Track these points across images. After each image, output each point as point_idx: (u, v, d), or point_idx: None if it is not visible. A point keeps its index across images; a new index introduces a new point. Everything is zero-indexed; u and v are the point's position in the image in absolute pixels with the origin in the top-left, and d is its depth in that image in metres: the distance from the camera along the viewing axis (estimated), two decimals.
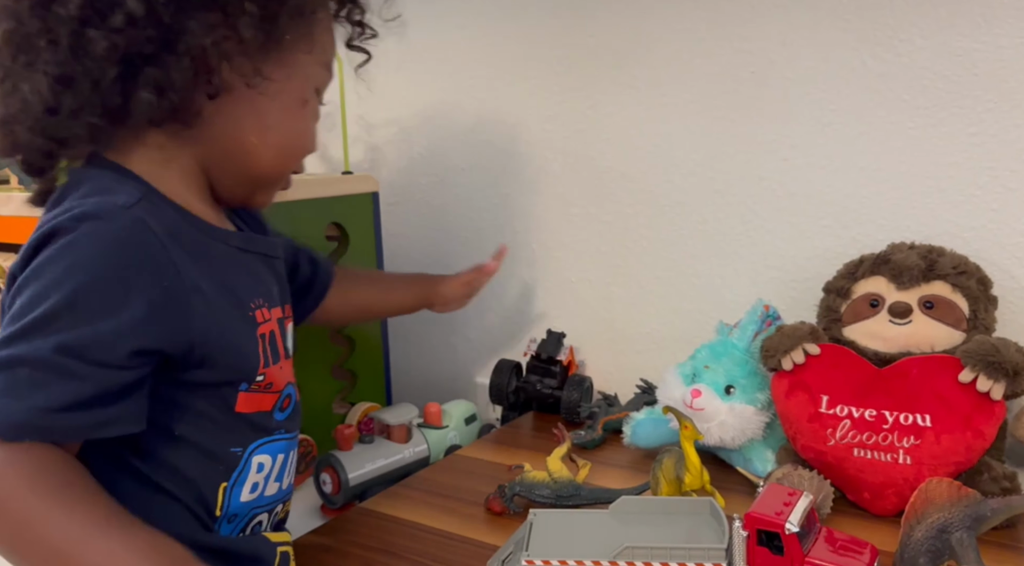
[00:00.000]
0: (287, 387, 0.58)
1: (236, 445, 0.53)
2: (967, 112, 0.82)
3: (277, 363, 0.56)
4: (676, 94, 0.98)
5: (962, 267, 0.78)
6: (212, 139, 0.52)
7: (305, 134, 0.56)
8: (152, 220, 0.47)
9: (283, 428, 0.57)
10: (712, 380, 0.82)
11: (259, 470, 0.55)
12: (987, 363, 0.69)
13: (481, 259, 0.94)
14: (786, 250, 0.94)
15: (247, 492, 0.54)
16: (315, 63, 0.55)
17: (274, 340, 0.56)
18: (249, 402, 0.53)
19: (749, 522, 0.55)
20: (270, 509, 0.58)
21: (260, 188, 0.57)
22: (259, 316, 0.55)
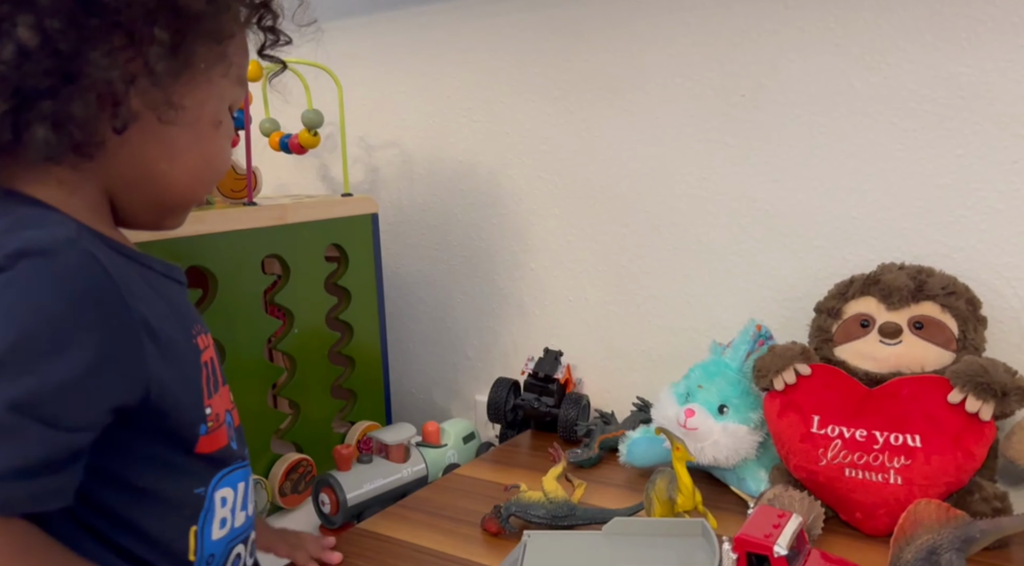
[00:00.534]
0: (227, 415, 0.54)
1: (199, 486, 0.50)
2: (954, 134, 0.83)
3: (218, 392, 0.53)
4: (669, 117, 0.99)
5: (951, 287, 0.79)
6: (118, 169, 0.48)
7: (219, 156, 0.53)
8: (99, 253, 0.44)
9: (238, 457, 0.55)
10: (705, 400, 0.83)
11: (223, 504, 0.52)
12: (976, 384, 0.70)
13: (478, 279, 0.95)
14: (778, 270, 0.95)
15: (217, 530, 0.52)
16: (230, 83, 0.52)
17: (214, 367, 0.53)
18: (208, 442, 0.50)
19: (738, 545, 0.56)
20: (244, 538, 0.56)
21: (171, 213, 0.54)
22: (200, 342, 0.52)
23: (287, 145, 1.07)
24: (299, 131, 1.05)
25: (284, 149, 1.08)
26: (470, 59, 1.13)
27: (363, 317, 1.05)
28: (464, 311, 1.22)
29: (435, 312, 1.24)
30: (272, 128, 1.09)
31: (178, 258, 0.81)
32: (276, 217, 0.91)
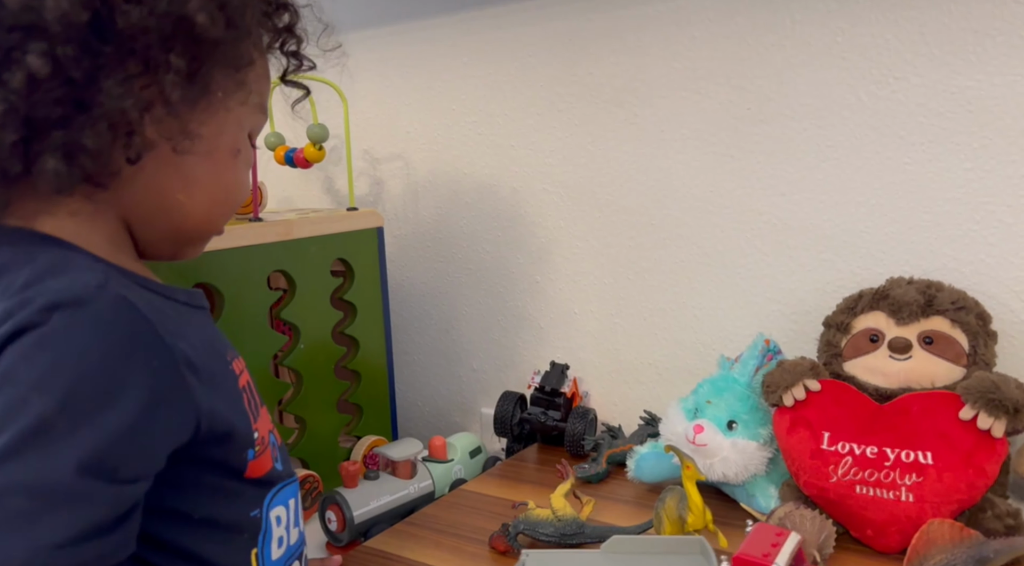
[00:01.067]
0: (270, 436, 0.53)
1: (254, 509, 0.50)
2: (963, 148, 0.83)
3: (259, 414, 0.52)
4: (675, 130, 0.99)
5: (961, 302, 0.78)
6: (133, 199, 0.47)
7: (237, 185, 0.51)
8: (130, 294, 0.42)
9: (285, 475, 0.55)
10: (714, 415, 0.83)
11: (279, 523, 0.52)
12: (987, 400, 0.70)
13: (483, 291, 0.94)
14: (786, 283, 0.95)
15: (276, 549, 0.52)
16: (249, 110, 0.50)
17: (252, 390, 0.52)
18: (257, 466, 0.50)
19: (737, 563, 0.56)
20: (299, 555, 0.56)
21: (190, 243, 0.53)
22: (236, 367, 0.51)
23: (292, 159, 1.07)
24: (304, 145, 1.05)
25: (289, 163, 1.08)
26: (474, 72, 1.13)
27: (369, 331, 1.05)
28: (470, 324, 1.21)
29: (441, 325, 1.24)
30: (277, 142, 1.09)
31: (184, 276, 0.81)
32: (282, 233, 0.91)
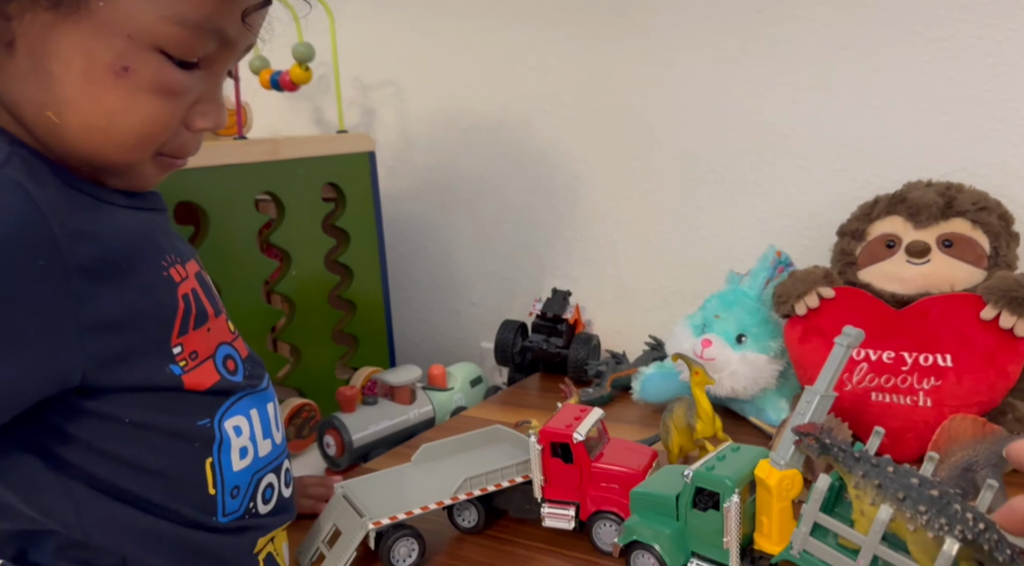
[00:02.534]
0: (219, 350, 0.49)
1: (202, 418, 0.47)
2: (985, 42, 0.78)
3: (203, 325, 0.48)
4: (680, 39, 0.94)
5: (982, 203, 0.74)
6: (14, 107, 0.42)
7: (126, 112, 0.42)
8: (34, 183, 0.39)
9: (245, 386, 0.51)
10: (723, 329, 0.80)
11: (239, 434, 0.50)
12: (1010, 298, 0.67)
13: (481, 221, 0.90)
14: (798, 196, 0.91)
15: (238, 460, 0.49)
16: (148, 14, 0.40)
17: (199, 299, 0.48)
18: (192, 380, 0.46)
19: (543, 436, 0.60)
20: (275, 467, 0.53)
21: (98, 170, 0.45)
22: (175, 274, 0.47)
23: (278, 82, 1.02)
24: (290, 67, 1.00)
25: (275, 86, 1.03)
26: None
27: (363, 260, 1.01)
28: (468, 256, 1.18)
29: (438, 258, 1.21)
30: (262, 66, 1.04)
31: (165, 192, 0.77)
32: (268, 152, 0.87)
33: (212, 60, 0.44)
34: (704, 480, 0.50)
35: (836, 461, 0.46)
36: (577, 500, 0.60)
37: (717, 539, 0.50)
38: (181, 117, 0.44)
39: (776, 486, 0.49)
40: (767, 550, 0.50)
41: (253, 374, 0.52)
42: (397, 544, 0.57)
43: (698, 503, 0.51)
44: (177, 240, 0.50)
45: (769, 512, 0.49)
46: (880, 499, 0.42)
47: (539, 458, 0.60)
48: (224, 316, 0.51)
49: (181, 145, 0.46)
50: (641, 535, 0.53)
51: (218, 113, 0.46)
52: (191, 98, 0.44)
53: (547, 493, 0.60)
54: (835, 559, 0.45)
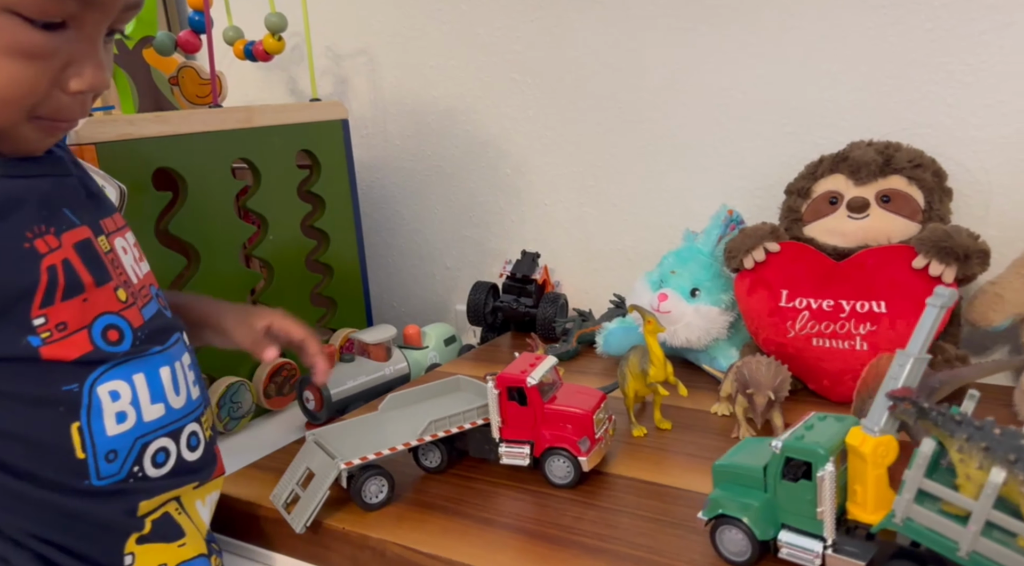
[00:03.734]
0: (97, 321, 0.48)
1: (68, 383, 0.46)
2: (923, 7, 0.82)
3: (76, 296, 0.47)
4: (640, 7, 0.97)
5: (918, 160, 0.79)
6: None
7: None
8: None
9: (132, 354, 0.49)
10: (678, 284, 0.84)
11: (115, 399, 0.48)
12: (939, 248, 0.72)
13: (453, 187, 0.92)
14: (751, 159, 0.95)
15: (114, 425, 0.48)
16: None
17: (72, 270, 0.47)
18: (55, 351, 0.45)
19: (499, 381, 0.64)
20: (171, 431, 0.51)
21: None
22: (40, 246, 0.45)
23: (251, 52, 1.05)
24: (263, 37, 1.03)
25: (249, 57, 1.05)
26: None
27: (339, 225, 1.05)
28: (442, 222, 1.22)
29: (413, 224, 1.24)
30: (236, 36, 1.07)
31: (143, 159, 0.81)
32: (243, 120, 0.90)
33: (81, 20, 0.43)
34: (795, 450, 0.48)
35: (935, 425, 0.43)
36: (532, 439, 0.65)
37: (809, 510, 0.48)
38: (50, 80, 0.43)
39: (871, 453, 0.46)
40: (862, 519, 0.48)
41: (149, 340, 0.51)
42: (368, 483, 0.62)
43: (787, 473, 0.49)
44: (73, 207, 0.49)
45: (863, 480, 0.47)
46: (989, 462, 0.40)
47: (496, 402, 0.64)
48: (112, 285, 0.49)
49: (58, 108, 0.45)
50: (727, 508, 0.51)
51: (95, 75, 0.45)
52: (60, 60, 0.43)
53: (504, 434, 0.65)
54: (942, 526, 0.43)
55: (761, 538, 0.50)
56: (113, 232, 0.52)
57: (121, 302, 0.50)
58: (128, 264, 0.52)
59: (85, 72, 0.44)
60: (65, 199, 0.49)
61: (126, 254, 0.52)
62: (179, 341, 0.54)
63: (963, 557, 0.41)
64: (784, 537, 0.50)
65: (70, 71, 0.44)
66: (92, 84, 0.45)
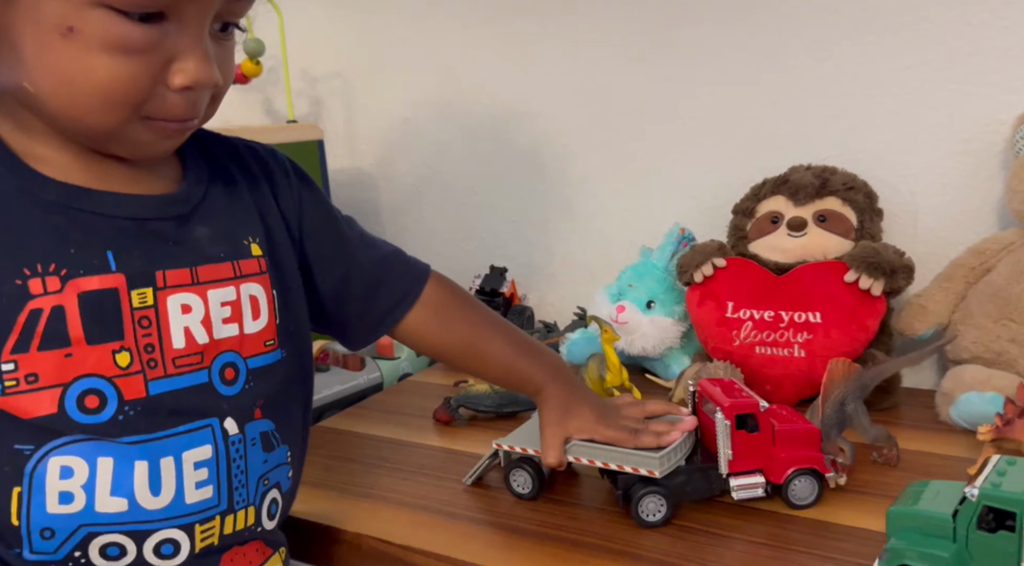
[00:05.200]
0: (77, 382, 0.43)
1: (20, 442, 0.42)
2: (854, 45, 0.90)
3: (58, 348, 0.42)
4: (598, 38, 1.04)
5: (851, 183, 0.87)
6: (3, 84, 0.42)
7: (82, 72, 0.40)
8: None
9: (106, 431, 0.43)
10: (635, 297, 0.91)
11: (66, 476, 0.42)
12: (868, 264, 0.79)
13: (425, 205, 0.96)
14: (702, 180, 1.02)
15: (55, 503, 0.43)
16: None
17: (60, 318, 0.42)
18: (15, 404, 0.41)
19: (728, 411, 0.59)
20: (133, 533, 0.44)
21: (98, 140, 0.44)
22: (34, 286, 0.42)
23: None
24: (241, 61, 1.07)
25: None
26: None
27: None
28: (413, 238, 1.27)
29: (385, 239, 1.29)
30: None
31: None
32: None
33: (179, 11, 0.40)
34: (995, 498, 0.45)
35: None
36: (762, 467, 0.60)
37: (1010, 562, 0.45)
38: (153, 75, 0.41)
39: None
40: None
41: (142, 418, 0.44)
42: (514, 473, 0.64)
43: (982, 523, 0.46)
44: (129, 252, 0.44)
45: None
46: None
47: (728, 433, 0.59)
48: (114, 346, 0.44)
49: (166, 106, 0.42)
50: (911, 559, 0.47)
51: (199, 69, 0.42)
52: (161, 55, 0.41)
53: (733, 467, 0.60)
54: None
55: None
56: (186, 285, 0.46)
57: (118, 367, 0.44)
58: (182, 324, 0.46)
59: (188, 66, 0.41)
60: (121, 242, 0.44)
61: (187, 313, 0.46)
62: (204, 429, 0.46)
63: None
64: None
65: (173, 66, 0.41)
66: (196, 78, 0.42)
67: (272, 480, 0.51)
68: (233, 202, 0.52)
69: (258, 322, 0.49)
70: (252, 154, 0.56)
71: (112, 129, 0.43)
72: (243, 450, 0.48)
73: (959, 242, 0.86)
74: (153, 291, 0.45)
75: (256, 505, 0.50)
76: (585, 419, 0.62)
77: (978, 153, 0.86)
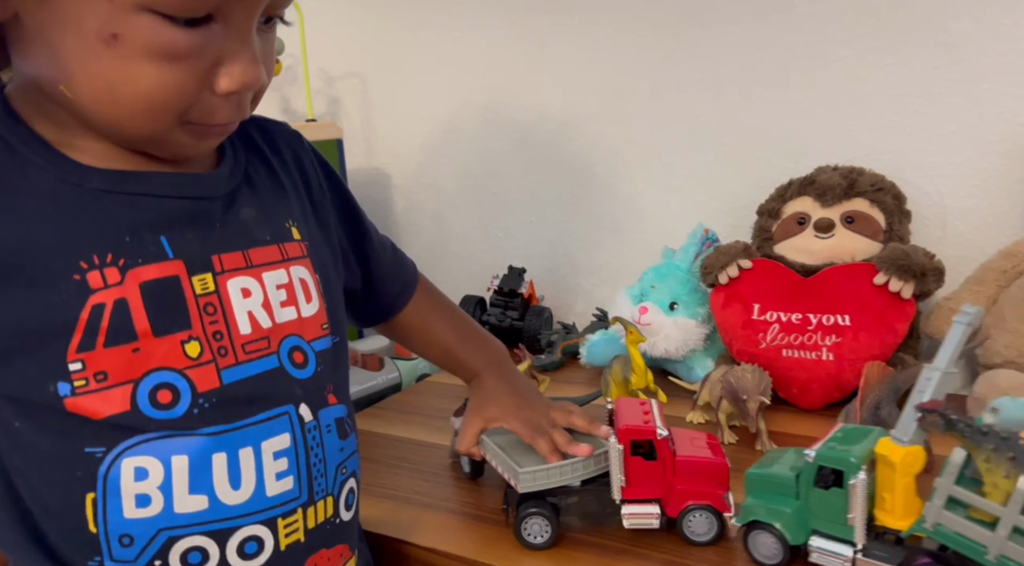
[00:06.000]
0: (148, 376, 0.41)
1: (92, 445, 0.40)
2: (884, 44, 0.89)
3: (124, 344, 0.40)
4: (619, 37, 1.03)
5: (879, 184, 0.85)
6: (40, 84, 0.41)
7: (125, 79, 0.38)
8: None
9: (184, 425, 0.42)
10: (657, 298, 0.89)
11: (140, 478, 0.41)
12: (898, 266, 0.77)
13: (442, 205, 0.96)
14: (724, 180, 1.01)
15: (132, 507, 0.41)
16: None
17: (125, 313, 0.40)
18: (86, 404, 0.40)
19: (622, 435, 0.57)
20: (212, 531, 0.42)
21: (137, 142, 0.42)
22: (93, 280, 0.40)
23: None
24: None
25: None
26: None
27: None
28: (430, 237, 1.26)
29: (402, 239, 1.28)
30: None
31: None
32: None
33: (227, 13, 0.39)
34: (828, 459, 0.50)
35: (963, 436, 0.45)
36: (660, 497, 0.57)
37: (840, 516, 0.50)
38: (199, 80, 0.39)
39: (900, 462, 0.49)
40: (890, 525, 0.50)
41: (218, 410, 0.42)
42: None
43: (819, 481, 0.51)
44: (182, 235, 0.43)
45: (892, 488, 0.49)
46: (1015, 471, 0.42)
47: (620, 458, 0.56)
48: (182, 336, 0.42)
49: (210, 110, 0.41)
50: (760, 515, 0.53)
51: (247, 72, 0.40)
52: (208, 59, 0.39)
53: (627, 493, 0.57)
54: (971, 531, 0.45)
55: (792, 543, 0.52)
56: (241, 268, 0.45)
57: (189, 358, 0.42)
58: (245, 309, 0.44)
59: (235, 70, 0.40)
60: (173, 225, 0.43)
61: (248, 297, 0.44)
62: (281, 417, 0.45)
63: (991, 560, 0.44)
64: (815, 542, 0.52)
65: (220, 70, 0.40)
66: (244, 82, 0.40)
67: (349, 469, 0.49)
68: (272, 183, 0.50)
69: (311, 305, 0.48)
70: (281, 136, 0.54)
71: (152, 134, 0.41)
72: (319, 437, 0.47)
73: (989, 245, 0.85)
74: (213, 276, 0.43)
75: (335, 495, 0.48)
76: (503, 407, 0.62)
77: (1009, 154, 0.85)
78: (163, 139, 0.42)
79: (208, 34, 0.39)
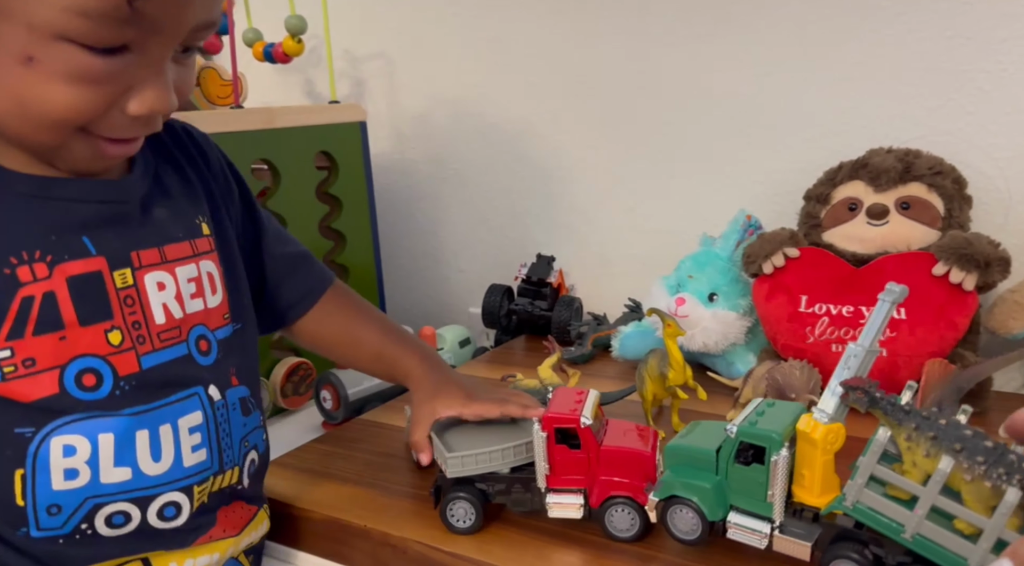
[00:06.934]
0: (73, 362, 0.45)
1: (21, 426, 0.44)
2: (942, 16, 0.82)
3: (52, 332, 0.44)
4: (658, 14, 0.98)
5: (938, 168, 0.79)
6: None
7: (37, 99, 0.40)
8: None
9: (106, 406, 0.46)
10: (696, 289, 0.85)
11: (69, 454, 0.45)
12: (960, 255, 0.72)
13: (469, 190, 0.93)
14: (769, 164, 0.95)
15: (60, 480, 0.45)
16: (47, 4, 0.37)
17: (53, 304, 0.44)
18: (16, 389, 0.43)
19: (546, 422, 0.56)
20: (138, 498, 0.47)
21: (37, 154, 0.44)
22: (23, 274, 0.43)
23: (271, 54, 1.06)
24: (282, 39, 1.03)
25: (268, 58, 1.06)
26: None
27: (356, 226, 1.05)
28: (456, 225, 1.22)
29: (427, 227, 1.25)
30: (255, 38, 1.08)
31: None
32: (263, 121, 0.91)
33: (143, 45, 0.40)
34: (749, 435, 0.49)
35: (885, 414, 0.45)
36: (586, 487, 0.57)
37: (759, 492, 0.49)
38: (109, 102, 0.41)
39: (821, 439, 0.48)
40: (808, 502, 0.49)
41: (138, 392, 0.47)
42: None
43: (740, 457, 0.50)
44: (103, 234, 0.46)
45: (812, 465, 0.49)
46: (936, 451, 0.42)
47: (544, 446, 0.56)
48: (105, 326, 0.46)
49: (113, 126, 0.43)
50: (678, 489, 0.52)
51: (159, 99, 0.42)
52: (122, 84, 0.41)
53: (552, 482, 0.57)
54: (890, 509, 0.45)
55: (711, 519, 0.51)
56: (157, 264, 0.49)
57: (111, 346, 0.46)
58: (160, 301, 0.49)
59: (146, 95, 0.42)
60: (94, 226, 0.46)
61: (162, 290, 0.49)
62: (192, 397, 0.50)
63: (907, 538, 0.44)
64: (733, 518, 0.51)
65: (132, 93, 0.42)
66: (153, 108, 0.42)
67: (251, 442, 0.55)
68: (182, 182, 0.54)
69: (216, 297, 0.53)
70: (188, 136, 0.57)
71: (48, 145, 0.43)
72: (226, 414, 0.52)
73: None
74: (132, 271, 0.48)
75: (240, 465, 0.54)
76: (453, 396, 0.64)
77: None
78: (60, 151, 0.43)
79: (123, 62, 0.40)
